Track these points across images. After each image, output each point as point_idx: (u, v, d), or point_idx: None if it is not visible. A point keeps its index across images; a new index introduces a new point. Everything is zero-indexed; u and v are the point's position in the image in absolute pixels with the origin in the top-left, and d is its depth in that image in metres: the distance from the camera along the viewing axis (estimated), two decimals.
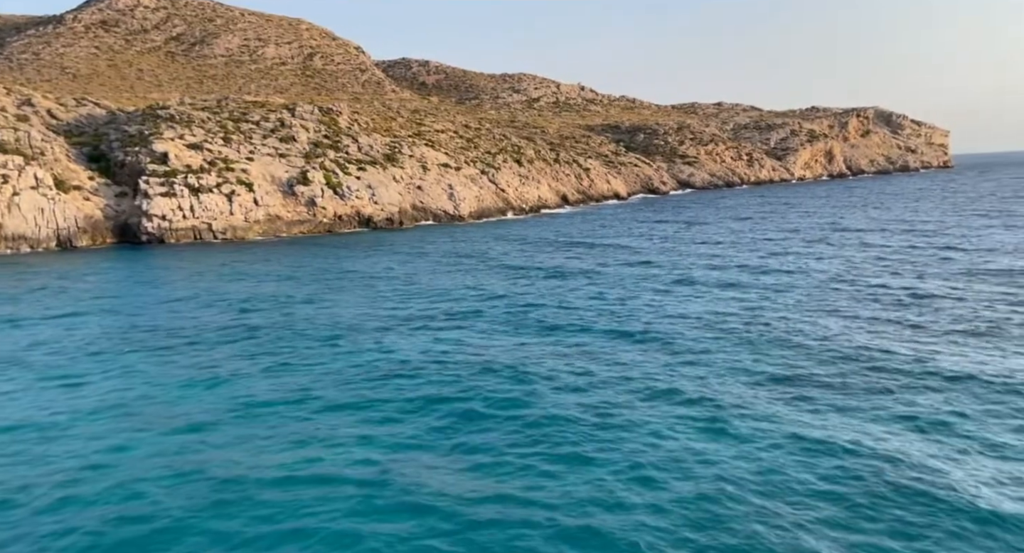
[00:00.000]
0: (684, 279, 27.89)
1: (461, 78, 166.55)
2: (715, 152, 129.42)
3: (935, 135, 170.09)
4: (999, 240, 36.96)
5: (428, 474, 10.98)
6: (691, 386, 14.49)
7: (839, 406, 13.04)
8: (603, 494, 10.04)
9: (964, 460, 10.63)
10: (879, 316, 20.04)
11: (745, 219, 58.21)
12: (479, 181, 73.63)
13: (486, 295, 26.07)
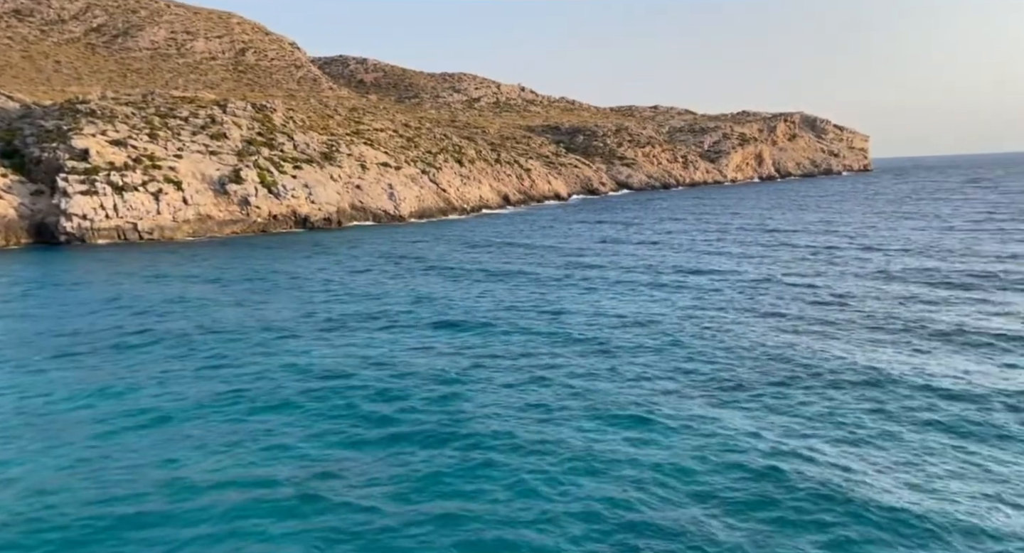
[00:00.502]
0: (621, 280, 27.99)
1: (400, 76, 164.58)
2: (652, 154, 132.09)
3: (856, 140, 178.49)
4: (914, 240, 38.91)
5: (352, 480, 10.61)
6: (618, 386, 14.50)
7: (761, 405, 13.20)
8: (522, 499, 9.95)
9: (874, 458, 10.83)
10: (804, 315, 20.51)
11: (680, 220, 59.50)
12: (420, 181, 72.76)
13: (420, 297, 25.50)
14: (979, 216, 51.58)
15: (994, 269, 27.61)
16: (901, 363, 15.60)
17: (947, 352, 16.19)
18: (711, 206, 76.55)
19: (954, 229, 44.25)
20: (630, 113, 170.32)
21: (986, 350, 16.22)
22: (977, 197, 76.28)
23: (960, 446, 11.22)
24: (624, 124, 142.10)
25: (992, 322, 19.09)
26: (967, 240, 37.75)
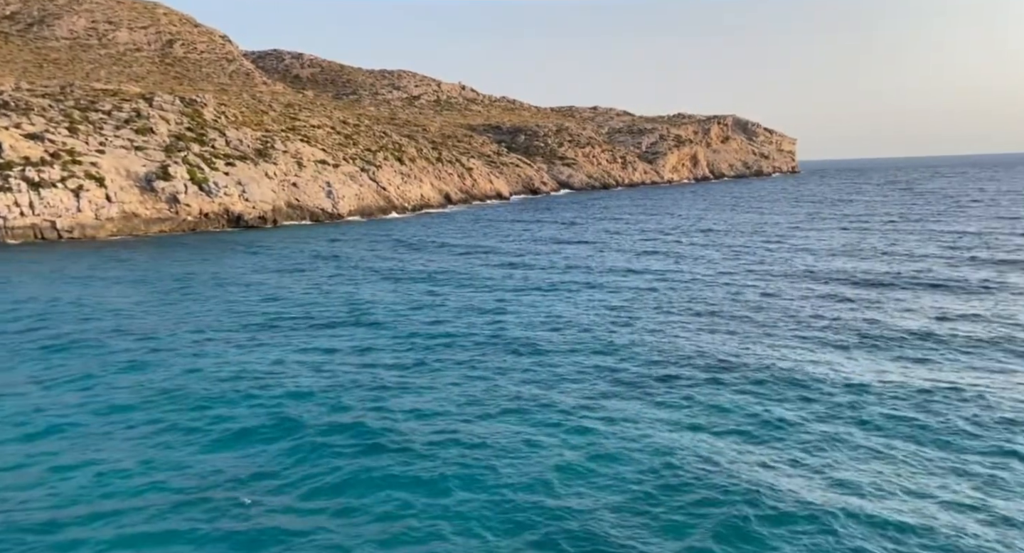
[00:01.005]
0: (558, 281, 27.79)
1: (338, 73, 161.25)
2: (592, 154, 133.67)
3: (784, 143, 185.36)
4: (836, 240, 40.64)
5: (265, 486, 10.27)
6: (544, 388, 14.35)
7: (685, 404, 13.24)
8: (439, 497, 9.86)
9: (789, 454, 10.96)
10: (734, 314, 20.81)
11: (619, 220, 60.37)
12: (359, 179, 71.34)
13: (351, 299, 24.62)
14: (895, 217, 54.36)
15: (906, 268, 28.96)
16: (820, 361, 15.99)
17: (864, 349, 16.63)
18: (649, 206, 78.07)
19: (870, 229, 46.42)
20: (570, 113, 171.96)
21: (899, 347, 16.72)
22: (893, 198, 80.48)
23: (872, 442, 11.43)
24: (565, 124, 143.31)
25: (904, 320, 19.76)
26: (883, 240, 39.69)
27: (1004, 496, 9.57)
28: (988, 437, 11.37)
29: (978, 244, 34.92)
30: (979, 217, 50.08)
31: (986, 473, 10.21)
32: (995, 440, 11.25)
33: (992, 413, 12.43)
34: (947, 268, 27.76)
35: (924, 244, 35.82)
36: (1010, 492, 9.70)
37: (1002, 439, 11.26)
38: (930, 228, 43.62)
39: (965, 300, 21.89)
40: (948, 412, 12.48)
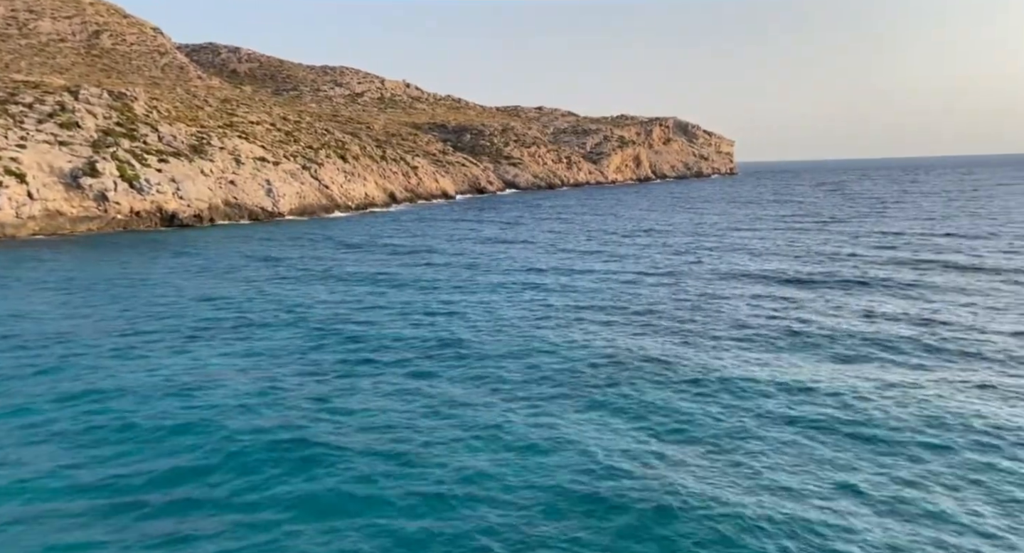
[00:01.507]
0: (498, 282, 27.43)
1: (277, 68, 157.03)
2: (537, 154, 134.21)
3: (723, 145, 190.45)
4: (770, 240, 41.91)
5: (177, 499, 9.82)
6: (484, 392, 14.16)
7: (616, 407, 13.15)
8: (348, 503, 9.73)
9: (717, 458, 10.97)
10: (674, 315, 21.02)
11: (564, 220, 60.99)
12: (300, 177, 69.53)
13: (285, 303, 23.49)
14: (826, 217, 56.54)
15: (835, 268, 29.99)
16: (752, 361, 16.27)
17: (795, 349, 16.92)
18: (594, 206, 78.96)
19: (803, 229, 48.10)
20: (516, 113, 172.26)
21: (829, 346, 17.08)
22: (824, 199, 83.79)
23: (799, 440, 11.53)
24: (510, 124, 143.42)
25: (833, 319, 20.32)
26: (815, 239, 41.20)
27: (928, 492, 9.78)
28: (913, 435, 11.65)
29: (901, 244, 36.60)
30: (902, 217, 52.61)
31: (911, 471, 10.46)
32: (920, 437, 11.54)
33: (916, 410, 12.76)
34: (873, 268, 28.83)
35: (852, 244, 37.28)
36: (933, 490, 9.92)
37: (927, 437, 11.57)
38: (857, 229, 45.51)
39: (891, 299, 22.77)
40: (875, 410, 12.75)
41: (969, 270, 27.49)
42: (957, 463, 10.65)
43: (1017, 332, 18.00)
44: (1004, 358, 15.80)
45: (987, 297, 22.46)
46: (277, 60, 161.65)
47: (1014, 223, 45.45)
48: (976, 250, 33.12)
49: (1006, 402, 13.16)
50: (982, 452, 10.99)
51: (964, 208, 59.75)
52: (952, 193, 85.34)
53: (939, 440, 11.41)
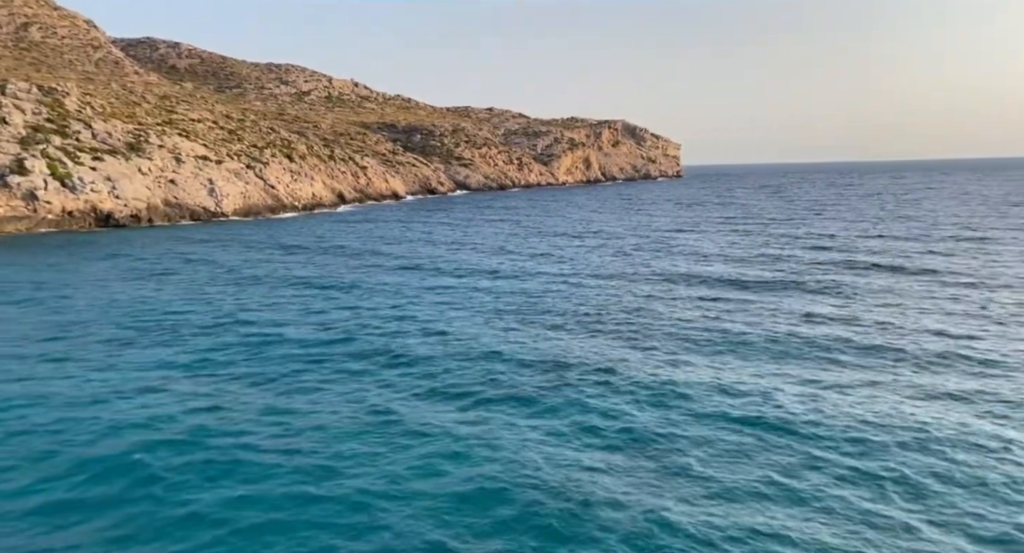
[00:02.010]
0: (450, 287, 26.96)
1: (220, 64, 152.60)
2: (488, 155, 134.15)
3: (670, 148, 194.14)
4: (717, 243, 42.93)
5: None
6: (424, 398, 14.00)
7: (555, 412, 13.13)
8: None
9: (647, 463, 11.04)
10: (618, 319, 21.14)
11: (514, 222, 61.12)
12: (244, 176, 67.70)
13: (220, 309, 22.41)
14: (766, 220, 58.38)
15: (775, 270, 30.90)
16: (688, 364, 16.61)
17: (734, 353, 17.13)
18: (544, 208, 79.47)
19: (745, 232, 49.49)
20: (466, 114, 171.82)
21: (764, 349, 17.38)
22: (765, 202, 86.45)
23: (734, 445, 11.66)
24: (461, 125, 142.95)
25: (771, 322, 20.93)
26: (756, 241, 42.47)
27: (860, 496, 9.97)
28: (844, 438, 11.82)
29: (834, 245, 38.01)
30: (837, 219, 54.72)
31: (839, 471, 10.63)
32: (852, 441, 11.70)
33: (849, 412, 13.07)
34: (808, 270, 29.70)
35: (789, 246, 38.55)
36: (867, 493, 10.12)
37: (859, 440, 11.74)
38: (794, 230, 47.12)
39: (824, 301, 23.43)
40: (807, 411, 13.00)
41: (898, 271, 28.71)
42: (885, 463, 10.93)
43: (941, 331, 18.82)
44: (930, 358, 16.45)
45: (914, 299, 23.49)
46: (219, 56, 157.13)
47: (940, 226, 47.77)
48: (905, 252, 34.61)
49: (930, 402, 13.72)
50: (904, 452, 11.32)
51: (894, 211, 62.51)
52: (884, 196, 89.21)
53: (867, 441, 11.68)
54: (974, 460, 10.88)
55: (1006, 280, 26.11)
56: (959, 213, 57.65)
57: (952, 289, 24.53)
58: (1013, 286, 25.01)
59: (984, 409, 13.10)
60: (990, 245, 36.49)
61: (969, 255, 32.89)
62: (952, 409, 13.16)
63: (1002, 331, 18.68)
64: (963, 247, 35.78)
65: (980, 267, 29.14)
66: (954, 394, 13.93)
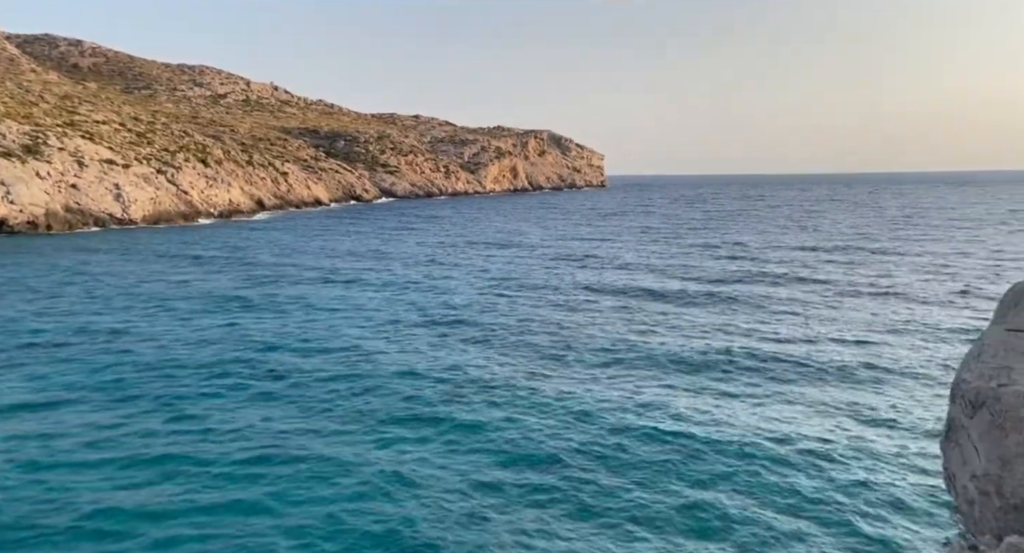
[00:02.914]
0: (359, 305, 25.36)
1: (127, 64, 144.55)
2: (415, 163, 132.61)
3: (594, 158, 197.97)
4: (636, 253, 43.81)
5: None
6: (287, 415, 13.62)
7: (422, 434, 12.91)
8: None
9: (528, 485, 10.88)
10: (530, 334, 20.99)
11: (438, 231, 60.39)
12: (155, 181, 63.93)
13: (91, 330, 20.61)
14: (683, 230, 60.30)
15: (689, 282, 31.61)
16: (591, 380, 16.72)
17: (634, 367, 17.23)
18: (470, 216, 79.41)
19: (663, 241, 50.90)
20: (392, 121, 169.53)
21: (668, 363, 17.46)
22: (680, 212, 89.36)
23: (630, 461, 11.70)
24: (387, 131, 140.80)
25: (678, 333, 21.27)
26: (667, 251, 43.60)
27: (751, 508, 10.07)
28: (740, 451, 11.86)
29: (744, 256, 39.46)
30: (749, 230, 57.02)
31: (728, 487, 10.63)
32: (746, 455, 11.76)
33: (747, 424, 13.29)
34: (722, 281, 30.41)
35: (700, 256, 39.76)
36: (762, 504, 10.25)
37: (752, 454, 11.79)
38: (707, 240, 48.97)
39: (733, 312, 24.14)
40: (706, 426, 13.05)
41: (800, 282, 30.14)
42: (778, 475, 11.07)
43: (838, 339, 19.71)
44: (827, 369, 17.02)
45: (820, 309, 24.55)
46: (127, 56, 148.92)
47: (843, 235, 50.46)
48: (806, 262, 36.08)
49: (824, 414, 14.23)
50: (795, 465, 11.50)
51: (799, 222, 65.77)
52: (793, 207, 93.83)
53: (760, 454, 11.77)
54: (862, 473, 11.18)
55: (899, 290, 27.72)
56: (856, 224, 61.19)
57: (850, 299, 25.85)
58: (905, 294, 26.64)
59: (874, 418, 13.65)
60: (884, 256, 38.65)
61: (865, 266, 34.53)
62: (840, 422, 13.52)
63: (897, 341, 19.62)
64: (859, 258, 37.48)
65: (876, 278, 30.69)
66: (842, 405, 14.44)
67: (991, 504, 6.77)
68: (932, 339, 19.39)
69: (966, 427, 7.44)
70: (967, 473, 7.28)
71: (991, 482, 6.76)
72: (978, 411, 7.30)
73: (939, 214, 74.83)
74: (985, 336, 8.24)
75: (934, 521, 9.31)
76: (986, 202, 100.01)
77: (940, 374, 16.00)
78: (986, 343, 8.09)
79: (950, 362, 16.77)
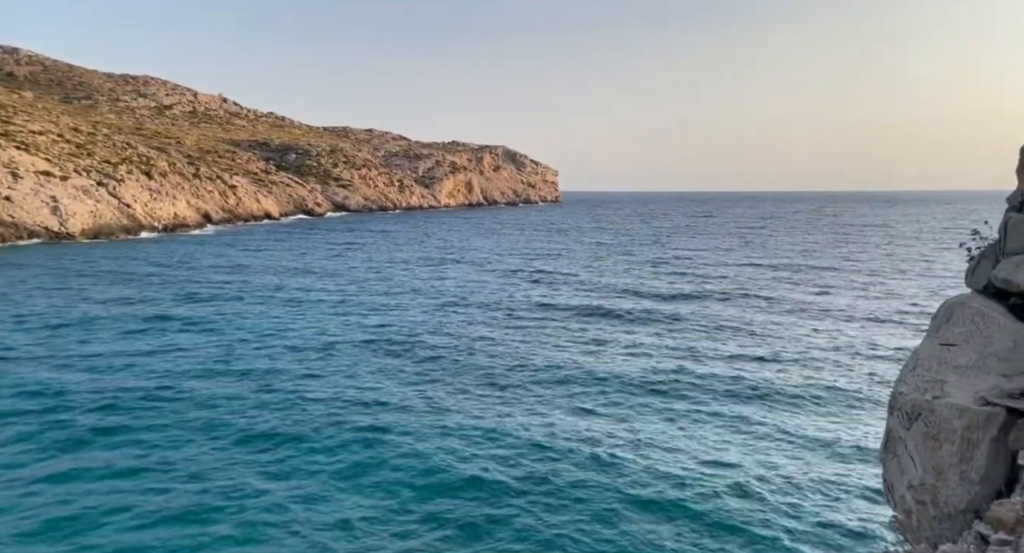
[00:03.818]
0: (285, 321, 24.91)
1: (66, 73, 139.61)
2: (368, 177, 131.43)
3: (549, 174, 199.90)
4: (583, 269, 44.01)
5: None
6: (174, 444, 13.36)
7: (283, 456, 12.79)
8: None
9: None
10: (453, 359, 20.62)
11: (389, 246, 59.91)
12: (95, 194, 61.68)
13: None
14: (631, 247, 61.40)
15: (629, 301, 31.30)
16: (495, 407, 16.32)
17: (540, 393, 17.05)
18: (425, 231, 79.09)
19: (617, 258, 51.58)
20: (345, 134, 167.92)
21: (576, 388, 17.40)
22: (633, 228, 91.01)
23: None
24: (339, 145, 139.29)
25: (611, 357, 21.17)
26: (612, 269, 43.97)
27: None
28: (649, 473, 11.88)
29: (694, 271, 40.28)
30: (692, 246, 58.51)
31: (622, 509, 10.62)
32: (662, 476, 11.76)
33: (667, 446, 13.22)
34: (664, 301, 30.20)
35: (637, 272, 40.39)
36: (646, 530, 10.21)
37: (668, 474, 11.82)
38: (653, 256, 49.95)
39: (684, 333, 24.34)
40: (624, 453, 12.86)
41: (751, 298, 30.81)
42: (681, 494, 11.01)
43: (776, 357, 20.20)
44: (771, 389, 17.24)
45: (761, 326, 25.13)
46: (66, 65, 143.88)
47: (785, 252, 52.11)
48: (753, 280, 36.72)
49: (760, 436, 14.51)
50: (711, 491, 11.46)
51: (745, 238, 67.74)
52: (740, 223, 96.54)
53: (702, 478, 11.75)
54: (802, 486, 11.44)
55: (839, 306, 28.70)
56: (798, 241, 63.35)
57: (791, 316, 26.49)
58: (844, 310, 27.68)
59: (814, 433, 13.95)
60: (825, 272, 40.05)
61: (805, 284, 35.34)
62: (777, 438, 13.82)
63: (836, 356, 20.32)
64: (800, 277, 38.02)
65: (816, 295, 31.47)
66: (779, 421, 14.75)
67: (927, 513, 7.00)
68: (869, 355, 20.08)
69: (903, 438, 7.68)
70: (904, 483, 7.51)
71: (927, 492, 6.99)
72: (914, 422, 7.53)
73: (877, 231, 78.04)
74: (920, 350, 8.56)
75: (874, 531, 9.57)
76: (920, 220, 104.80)
77: (878, 389, 16.54)
78: (921, 356, 8.38)
79: (888, 376, 17.34)
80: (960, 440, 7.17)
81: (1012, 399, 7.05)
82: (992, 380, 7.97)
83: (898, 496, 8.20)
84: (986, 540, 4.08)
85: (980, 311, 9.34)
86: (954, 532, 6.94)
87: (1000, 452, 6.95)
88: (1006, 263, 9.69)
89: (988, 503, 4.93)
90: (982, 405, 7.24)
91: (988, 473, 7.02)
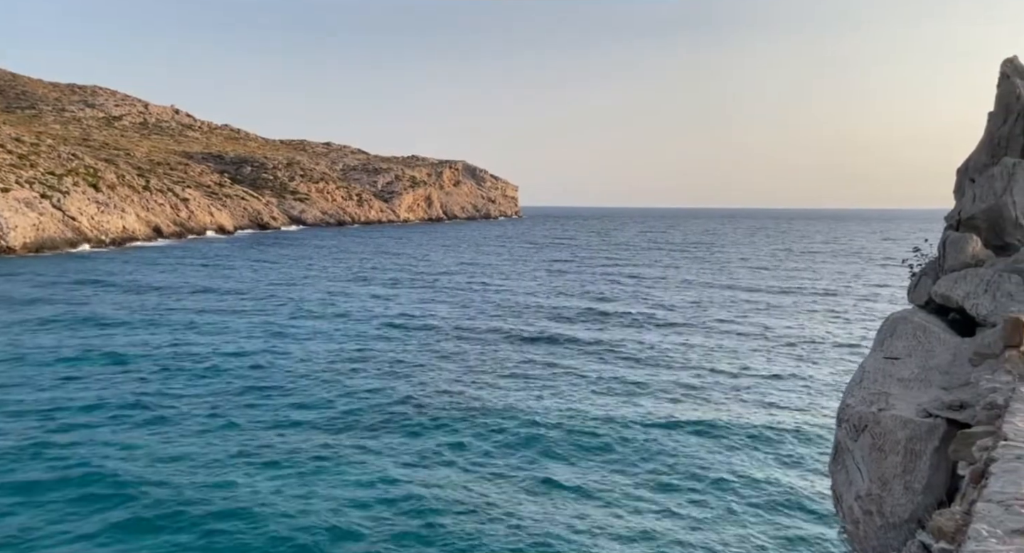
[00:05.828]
0: (234, 343, 23.75)
1: (9, 82, 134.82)
2: (326, 190, 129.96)
3: (508, 189, 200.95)
4: (540, 284, 44.09)
5: None
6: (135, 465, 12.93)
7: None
8: None
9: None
10: (417, 366, 20.74)
11: (341, 261, 59.15)
12: (38, 206, 59.48)
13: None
14: (589, 263, 61.85)
15: (576, 324, 31.26)
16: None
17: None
18: (380, 246, 78.49)
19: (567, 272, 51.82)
20: (302, 147, 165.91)
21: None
22: (591, 243, 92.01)
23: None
24: (296, 158, 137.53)
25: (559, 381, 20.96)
26: (578, 281, 44.24)
27: None
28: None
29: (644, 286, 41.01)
30: (650, 262, 59.56)
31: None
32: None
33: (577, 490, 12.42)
34: (616, 320, 29.87)
35: (610, 291, 40.62)
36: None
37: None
38: (609, 271, 50.74)
39: (633, 360, 24.91)
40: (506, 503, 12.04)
41: (699, 316, 31.09)
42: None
43: (727, 371, 20.64)
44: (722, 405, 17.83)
45: (707, 343, 25.44)
46: (9, 73, 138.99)
47: (734, 267, 53.33)
48: (702, 297, 37.11)
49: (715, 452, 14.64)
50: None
51: (694, 254, 69.25)
52: (690, 239, 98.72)
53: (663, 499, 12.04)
54: (752, 499, 11.64)
55: (786, 322, 29.36)
56: (746, 256, 65.09)
57: (739, 335, 26.32)
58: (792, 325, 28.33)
59: (765, 445, 14.19)
60: (774, 289, 41.03)
61: (754, 302, 35.41)
62: (730, 454, 13.97)
63: (786, 371, 20.83)
64: (749, 296, 37.34)
65: (765, 311, 31.95)
66: (733, 436, 14.92)
67: (873, 523, 7.18)
68: (818, 369, 20.57)
69: (851, 450, 7.87)
70: (852, 493, 7.69)
71: (873, 502, 7.16)
72: (861, 434, 7.73)
73: (823, 247, 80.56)
74: (866, 363, 8.80)
75: (823, 542, 9.75)
76: (864, 236, 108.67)
77: (826, 402, 16.94)
78: (867, 370, 8.62)
79: (838, 390, 17.72)
80: (904, 451, 7.40)
81: (951, 411, 7.30)
82: (934, 392, 8.27)
83: (846, 507, 8.40)
84: (929, 549, 4.20)
85: (922, 325, 9.70)
86: (899, 542, 7.13)
87: (942, 462, 7.19)
88: (945, 279, 10.10)
89: (931, 512, 5.08)
90: (924, 417, 7.50)
91: (931, 483, 7.25)
